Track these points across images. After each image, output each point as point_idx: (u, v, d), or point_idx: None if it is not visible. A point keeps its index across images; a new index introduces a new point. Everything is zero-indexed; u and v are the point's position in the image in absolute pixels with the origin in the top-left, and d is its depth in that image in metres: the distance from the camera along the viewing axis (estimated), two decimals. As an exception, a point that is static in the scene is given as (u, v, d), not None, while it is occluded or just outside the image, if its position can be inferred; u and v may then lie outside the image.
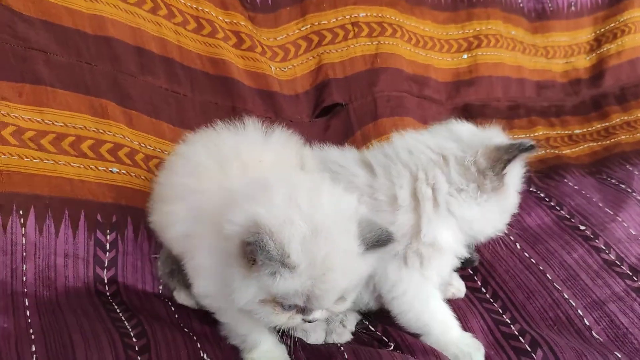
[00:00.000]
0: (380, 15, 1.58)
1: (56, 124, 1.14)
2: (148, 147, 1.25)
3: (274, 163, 1.00)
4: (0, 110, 1.08)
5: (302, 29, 1.52)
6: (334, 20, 1.54)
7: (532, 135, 1.66)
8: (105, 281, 1.11)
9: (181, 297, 1.13)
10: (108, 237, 1.15)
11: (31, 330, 0.94)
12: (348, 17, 1.54)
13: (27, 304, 0.99)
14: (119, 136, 1.21)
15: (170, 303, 1.12)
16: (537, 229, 1.25)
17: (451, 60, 1.72)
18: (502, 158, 0.97)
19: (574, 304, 1.07)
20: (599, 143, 1.70)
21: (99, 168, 1.17)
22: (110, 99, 1.21)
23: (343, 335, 1.05)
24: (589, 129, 1.78)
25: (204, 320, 1.07)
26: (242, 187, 0.89)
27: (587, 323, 1.04)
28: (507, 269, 1.17)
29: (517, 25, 1.86)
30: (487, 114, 1.68)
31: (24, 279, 1.02)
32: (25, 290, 1.01)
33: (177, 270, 1.11)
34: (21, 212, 1.06)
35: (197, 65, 1.36)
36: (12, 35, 1.11)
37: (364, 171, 1.03)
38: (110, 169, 1.19)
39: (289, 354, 0.99)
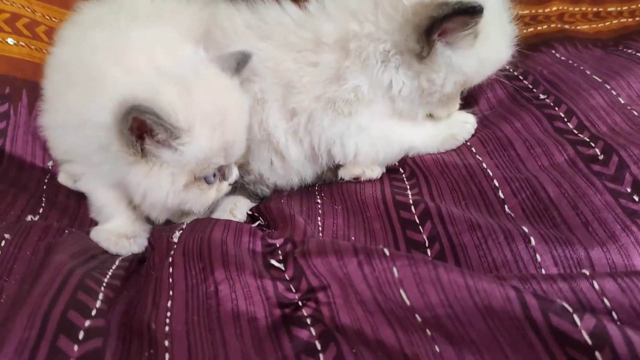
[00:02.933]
0: None
1: (-52, -11, 1.10)
2: (53, 19, 1.17)
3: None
4: None
5: None
6: None
7: (540, 10, 1.30)
8: (-10, 151, 1.06)
9: (61, 176, 1.04)
10: (-1, 108, 1.09)
11: None
12: None
13: None
14: (18, 6, 1.14)
15: (47, 179, 1.04)
16: (482, 104, 0.97)
17: None
18: (430, 15, 0.77)
19: (490, 174, 0.80)
20: (637, 19, 1.30)
21: (-6, 39, 1.11)
22: (9, -35, 1.14)
23: None
24: (633, 6, 1.37)
25: (73, 197, 0.99)
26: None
27: (502, 196, 0.76)
28: (428, 140, 0.92)
29: None
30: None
31: None
32: None
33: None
34: None
35: None
36: None
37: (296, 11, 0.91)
38: (6, 40, 1.12)
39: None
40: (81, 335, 0.58)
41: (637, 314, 0.54)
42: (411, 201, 0.81)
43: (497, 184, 0.78)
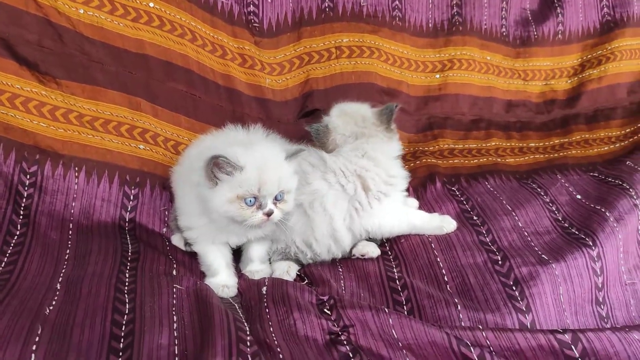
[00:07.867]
0: (360, 40, 2.00)
1: (105, 112, 1.69)
2: (167, 132, 1.78)
3: None
4: (69, 101, 1.64)
5: (296, 50, 1.99)
6: (322, 44, 1.99)
7: (483, 145, 1.99)
8: (127, 220, 1.64)
9: (175, 239, 1.63)
10: (132, 191, 1.68)
11: (69, 243, 1.48)
12: (333, 42, 1.99)
13: (71, 227, 1.54)
14: (147, 124, 1.74)
15: (167, 241, 1.63)
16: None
17: (424, 78, 2.09)
18: (383, 118, 1.50)
19: (441, 265, 1.43)
20: (546, 155, 1.99)
21: (131, 145, 1.71)
22: (143, 97, 1.74)
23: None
24: (546, 143, 2.06)
25: (187, 255, 1.58)
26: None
27: (446, 279, 1.40)
28: (406, 238, 1.56)
29: (495, 52, 2.19)
30: (449, 124, 2.04)
31: (72, 211, 1.58)
32: (72, 218, 1.57)
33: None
34: (76, 169, 1.62)
35: (209, 77, 1.86)
36: (80, 51, 1.67)
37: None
38: (138, 146, 1.72)
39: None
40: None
41: (502, 348, 1.17)
42: (396, 277, 1.44)
43: (444, 272, 1.41)
